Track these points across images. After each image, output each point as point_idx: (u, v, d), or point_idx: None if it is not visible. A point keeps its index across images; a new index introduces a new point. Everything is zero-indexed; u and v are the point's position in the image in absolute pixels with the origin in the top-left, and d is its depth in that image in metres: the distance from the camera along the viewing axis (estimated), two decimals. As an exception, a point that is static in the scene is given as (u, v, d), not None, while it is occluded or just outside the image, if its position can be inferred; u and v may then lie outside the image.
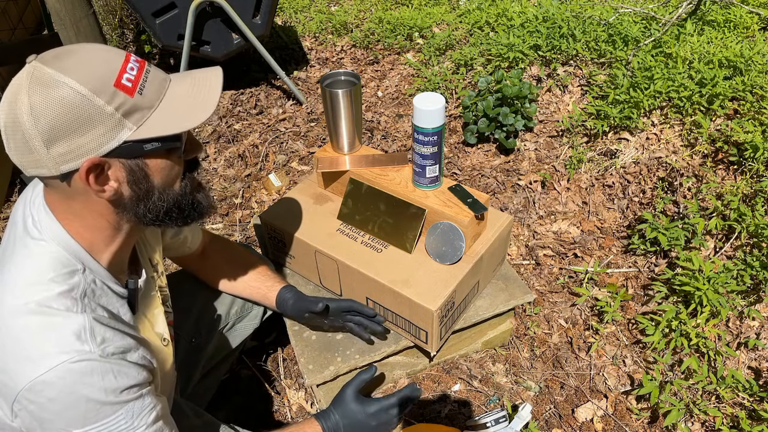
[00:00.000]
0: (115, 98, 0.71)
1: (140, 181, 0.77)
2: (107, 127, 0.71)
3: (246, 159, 2.49)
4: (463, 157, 2.36)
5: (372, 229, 1.35)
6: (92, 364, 0.73)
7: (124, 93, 0.71)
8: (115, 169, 0.74)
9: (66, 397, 0.72)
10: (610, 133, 2.17)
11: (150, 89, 0.74)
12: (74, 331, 0.73)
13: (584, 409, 1.49)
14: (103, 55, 0.73)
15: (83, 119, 0.69)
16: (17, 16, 3.09)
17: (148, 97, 0.74)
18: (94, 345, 0.73)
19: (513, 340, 1.67)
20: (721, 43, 2.20)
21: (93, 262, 0.80)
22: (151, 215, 0.80)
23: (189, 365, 1.29)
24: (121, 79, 0.71)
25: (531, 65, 2.48)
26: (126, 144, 0.73)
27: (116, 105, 0.71)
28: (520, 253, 1.95)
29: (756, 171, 1.75)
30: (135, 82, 0.73)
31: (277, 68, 2.71)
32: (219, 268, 1.29)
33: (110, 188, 0.75)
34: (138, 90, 0.73)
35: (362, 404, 1.09)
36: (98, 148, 0.71)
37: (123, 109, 0.71)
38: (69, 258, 0.77)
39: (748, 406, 1.40)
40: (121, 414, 0.76)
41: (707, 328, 1.52)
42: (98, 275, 0.81)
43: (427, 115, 1.18)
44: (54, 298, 0.74)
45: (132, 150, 0.74)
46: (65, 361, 0.71)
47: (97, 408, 0.74)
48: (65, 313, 0.74)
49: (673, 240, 1.71)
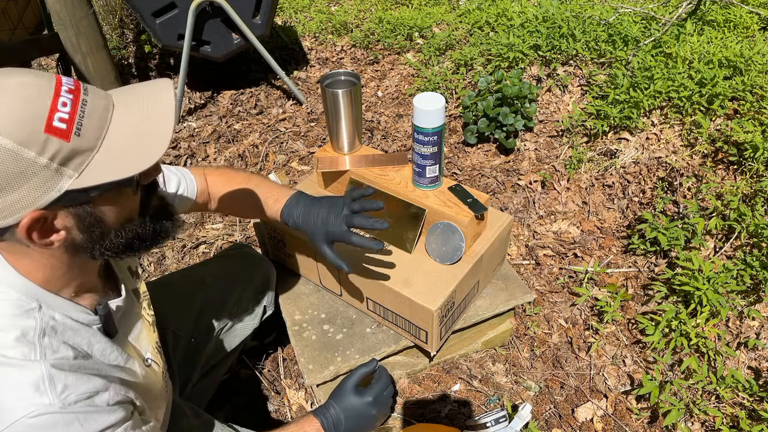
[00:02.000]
0: (47, 147, 0.61)
1: (92, 226, 0.69)
2: (42, 179, 0.62)
3: (246, 159, 2.49)
4: (463, 157, 2.36)
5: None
6: (54, 417, 0.67)
7: (59, 138, 0.61)
8: (61, 218, 0.66)
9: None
10: (610, 133, 2.17)
11: (89, 127, 0.64)
12: (32, 383, 0.67)
13: (584, 409, 1.49)
14: (29, 93, 0.61)
15: (12, 175, 0.60)
16: (17, 16, 3.09)
17: (87, 137, 0.64)
18: (54, 396, 0.68)
19: (513, 340, 1.67)
20: (721, 43, 2.20)
21: (51, 296, 0.74)
22: (109, 253, 0.73)
23: (188, 365, 1.29)
24: (52, 122, 0.61)
25: (531, 65, 2.48)
26: (68, 193, 0.64)
27: (50, 155, 0.61)
28: (520, 253, 1.95)
29: (756, 171, 1.75)
30: (70, 121, 0.62)
31: (277, 68, 2.71)
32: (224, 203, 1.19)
33: (58, 238, 0.67)
34: (75, 131, 0.62)
35: (361, 395, 1.08)
36: (35, 202, 0.62)
37: (59, 157, 0.62)
38: (22, 298, 0.71)
39: (747, 406, 1.40)
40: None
41: (707, 328, 1.52)
42: (59, 309, 0.75)
43: (427, 115, 1.18)
44: (9, 345, 0.68)
45: (77, 198, 0.65)
46: (24, 416, 0.66)
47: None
48: (22, 363, 0.68)
49: (673, 240, 1.71)
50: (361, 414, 1.07)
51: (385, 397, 1.10)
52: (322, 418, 1.05)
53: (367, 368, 1.12)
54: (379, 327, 1.37)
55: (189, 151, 2.54)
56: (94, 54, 2.61)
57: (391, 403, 1.13)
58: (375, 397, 1.08)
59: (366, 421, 1.07)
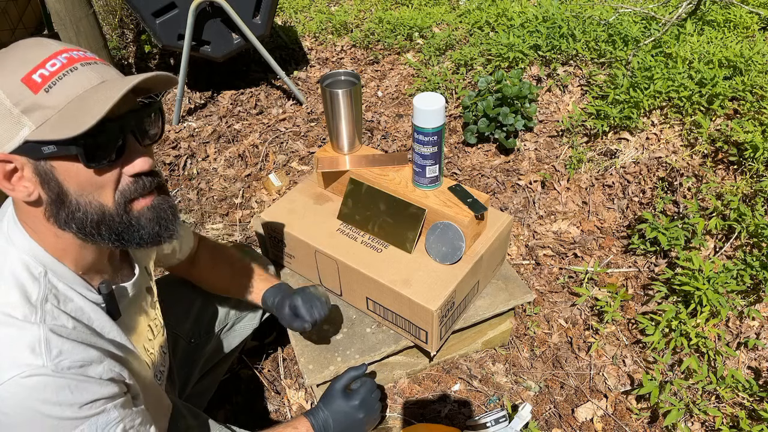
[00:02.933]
0: (17, 93, 0.66)
1: (50, 184, 0.71)
2: (7, 124, 0.66)
3: (246, 159, 2.49)
4: (463, 157, 2.36)
5: (372, 229, 1.35)
6: (45, 380, 0.69)
7: (29, 89, 0.66)
8: (27, 169, 0.69)
9: (20, 413, 0.69)
10: (610, 133, 2.17)
11: (62, 88, 0.67)
12: (28, 344, 0.69)
13: (584, 408, 1.49)
14: (33, 50, 0.69)
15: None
16: (17, 16, 3.09)
17: (55, 96, 0.67)
18: (48, 359, 0.69)
19: (513, 340, 1.67)
20: (721, 43, 2.20)
21: (58, 265, 0.77)
22: (75, 225, 0.73)
23: (188, 365, 1.29)
24: (32, 74, 0.66)
25: (531, 65, 2.48)
26: (26, 144, 0.67)
27: (17, 100, 0.66)
28: (520, 253, 1.95)
29: (756, 171, 1.75)
30: (47, 78, 0.67)
31: (277, 68, 2.71)
32: (208, 275, 1.26)
33: (22, 188, 0.70)
34: (45, 88, 0.67)
35: (348, 398, 1.10)
36: (2, 145, 0.67)
37: (23, 105, 0.66)
38: (30, 261, 0.74)
39: (747, 405, 1.40)
40: (83, 429, 0.73)
41: (707, 328, 1.52)
42: (64, 279, 0.77)
43: (427, 115, 1.18)
44: (11, 304, 0.71)
45: (33, 150, 0.68)
46: (16, 375, 0.68)
47: (55, 423, 0.71)
48: (21, 323, 0.70)
49: (673, 240, 1.71)
50: (348, 417, 1.09)
51: (372, 400, 1.12)
52: (312, 419, 1.07)
53: (356, 372, 1.14)
54: (379, 327, 1.37)
55: (189, 151, 2.54)
56: (94, 54, 2.61)
57: (379, 407, 1.15)
58: (361, 400, 1.10)
59: (354, 424, 1.09)
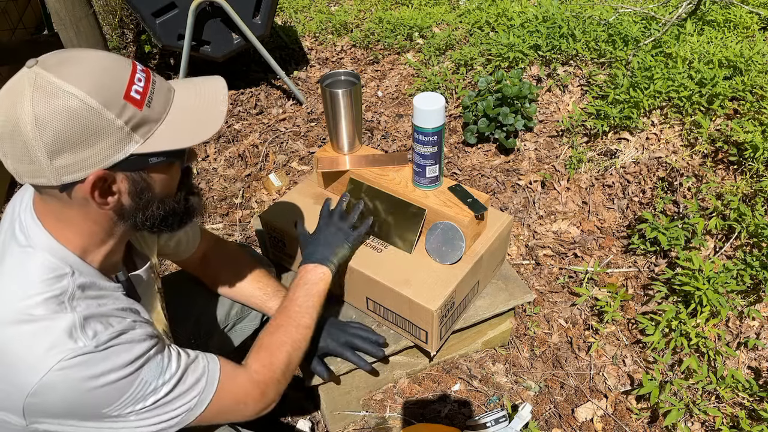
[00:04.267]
0: (124, 111, 0.70)
1: (142, 193, 0.77)
2: (114, 140, 0.70)
3: (246, 159, 2.49)
4: (463, 157, 2.36)
5: (372, 229, 1.35)
6: (89, 357, 0.72)
7: (134, 106, 0.70)
8: (118, 181, 0.74)
9: (77, 390, 0.72)
10: (610, 133, 2.17)
11: (157, 101, 0.74)
12: (65, 330, 0.72)
13: (584, 408, 1.49)
14: (110, 64, 0.71)
15: (91, 132, 0.68)
16: (17, 16, 3.09)
17: (156, 109, 0.73)
18: (87, 339, 0.73)
19: (513, 340, 1.67)
20: (721, 43, 2.20)
21: (82, 264, 0.79)
22: (148, 223, 0.80)
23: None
24: (130, 92, 0.70)
25: (531, 65, 2.48)
26: (132, 157, 0.72)
27: (126, 118, 0.70)
28: (520, 253, 1.95)
29: (756, 171, 1.75)
30: (143, 94, 0.72)
31: (277, 68, 2.71)
32: (219, 276, 1.27)
33: (113, 200, 0.75)
34: (147, 103, 0.72)
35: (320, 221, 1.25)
36: (104, 161, 0.70)
37: (132, 122, 0.71)
38: (56, 262, 0.76)
39: (748, 406, 1.40)
40: (141, 379, 0.77)
41: (707, 328, 1.52)
42: (88, 276, 0.80)
43: (427, 115, 1.18)
44: (41, 303, 0.73)
45: (137, 163, 0.73)
46: (62, 359, 0.70)
47: (112, 390, 0.75)
48: (53, 316, 0.73)
49: (673, 240, 1.71)
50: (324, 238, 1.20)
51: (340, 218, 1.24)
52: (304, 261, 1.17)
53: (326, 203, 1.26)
54: (379, 327, 1.37)
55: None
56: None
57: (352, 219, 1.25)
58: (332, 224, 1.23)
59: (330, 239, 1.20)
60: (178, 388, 0.82)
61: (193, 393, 0.84)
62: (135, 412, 0.78)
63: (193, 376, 0.85)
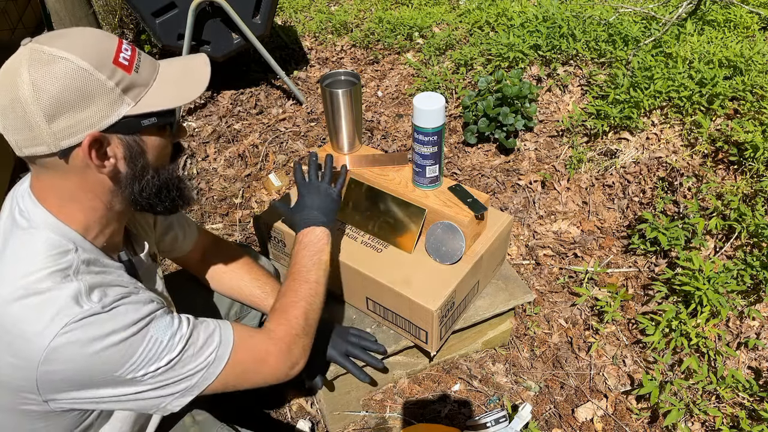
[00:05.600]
0: (114, 74, 0.73)
1: (137, 158, 0.79)
2: (108, 102, 0.73)
3: (246, 159, 2.49)
4: (463, 157, 2.36)
5: (372, 229, 1.35)
6: (96, 318, 0.74)
7: (122, 70, 0.74)
8: (113, 145, 0.76)
9: (87, 352, 0.73)
10: (610, 133, 2.16)
11: (144, 68, 0.78)
12: (71, 296, 0.73)
13: (584, 409, 1.49)
14: (98, 35, 0.76)
15: (85, 93, 0.71)
16: (17, 16, 3.09)
17: (143, 75, 0.77)
18: (92, 303, 0.74)
19: (513, 340, 1.67)
20: (721, 42, 2.20)
21: (84, 242, 0.81)
22: (145, 194, 0.82)
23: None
24: (118, 58, 0.74)
25: (531, 65, 2.48)
26: (125, 119, 0.75)
27: (116, 80, 0.73)
28: (520, 253, 1.95)
29: (756, 171, 1.75)
30: (131, 60, 0.76)
31: (277, 68, 2.71)
32: (219, 274, 1.28)
33: (109, 164, 0.76)
34: (134, 68, 0.76)
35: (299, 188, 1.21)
36: (99, 123, 0.73)
37: (122, 84, 0.74)
38: (59, 239, 0.78)
39: (748, 406, 1.40)
40: (150, 336, 0.78)
41: (707, 328, 1.52)
42: (91, 253, 0.82)
43: (427, 115, 1.18)
44: (46, 278, 0.74)
45: (130, 125, 0.76)
46: (68, 322, 0.72)
47: (122, 348, 0.75)
48: (58, 286, 0.74)
49: (673, 240, 1.71)
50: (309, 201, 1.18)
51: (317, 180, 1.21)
52: (299, 228, 1.15)
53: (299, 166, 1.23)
54: (379, 327, 1.37)
55: (189, 151, 2.54)
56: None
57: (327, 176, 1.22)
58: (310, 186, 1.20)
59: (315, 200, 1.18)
60: (191, 344, 0.82)
61: (208, 349, 0.84)
62: (150, 374, 0.78)
63: (204, 333, 0.85)
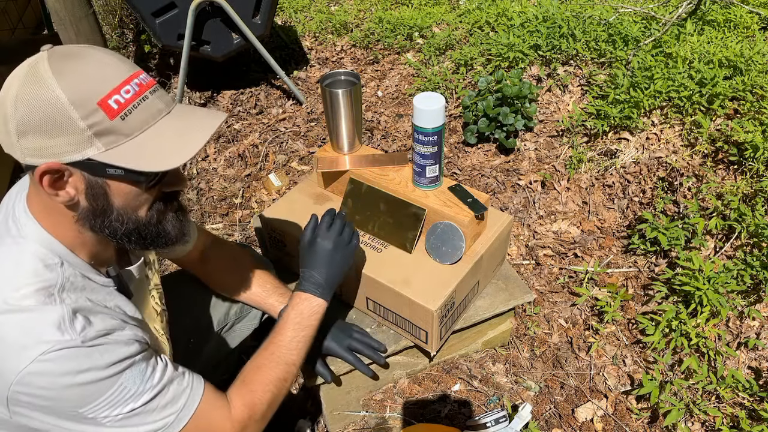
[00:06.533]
0: (92, 115, 0.70)
1: (98, 198, 0.76)
2: (75, 140, 0.70)
3: (246, 159, 2.49)
4: (463, 157, 2.36)
5: (372, 229, 1.35)
6: (75, 351, 0.73)
7: (105, 113, 0.71)
8: (75, 178, 0.74)
9: (58, 384, 0.72)
10: (610, 133, 2.16)
11: (136, 117, 0.73)
12: (53, 322, 0.72)
13: (584, 409, 1.49)
14: (108, 67, 0.73)
15: (55, 124, 0.69)
16: (17, 16, 3.09)
17: (130, 125, 0.73)
18: (74, 333, 0.73)
19: (513, 340, 1.67)
20: (721, 42, 2.20)
21: (71, 256, 0.80)
22: (108, 231, 0.79)
23: (186, 366, 1.28)
24: (108, 99, 0.71)
25: (531, 65, 2.48)
26: (89, 161, 0.72)
27: (91, 122, 0.70)
28: (520, 253, 1.95)
29: (756, 171, 1.75)
30: (123, 105, 0.72)
31: (277, 68, 2.71)
32: (219, 274, 1.27)
33: (65, 194, 0.74)
34: (121, 115, 0.72)
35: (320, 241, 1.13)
36: (62, 155, 0.71)
37: (96, 128, 0.71)
38: (46, 253, 0.77)
39: (748, 406, 1.40)
40: (121, 383, 0.77)
41: (707, 328, 1.52)
42: (79, 269, 0.81)
43: (427, 114, 1.18)
44: (30, 294, 0.74)
45: (93, 168, 0.73)
46: (47, 350, 0.71)
47: (93, 388, 0.75)
48: (42, 307, 0.73)
49: (673, 240, 1.71)
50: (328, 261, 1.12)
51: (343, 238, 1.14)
52: (302, 288, 1.11)
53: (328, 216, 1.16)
54: (379, 327, 1.37)
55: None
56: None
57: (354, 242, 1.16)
58: (334, 243, 1.12)
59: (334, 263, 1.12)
60: (157, 399, 0.81)
61: (171, 409, 0.84)
62: (111, 417, 0.78)
63: (174, 391, 0.84)
